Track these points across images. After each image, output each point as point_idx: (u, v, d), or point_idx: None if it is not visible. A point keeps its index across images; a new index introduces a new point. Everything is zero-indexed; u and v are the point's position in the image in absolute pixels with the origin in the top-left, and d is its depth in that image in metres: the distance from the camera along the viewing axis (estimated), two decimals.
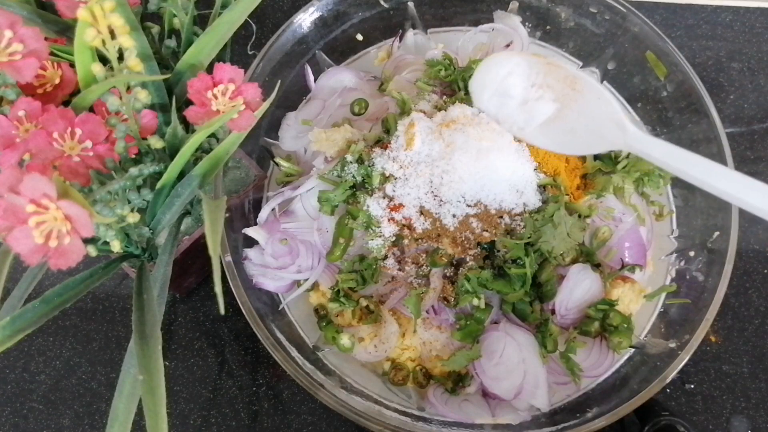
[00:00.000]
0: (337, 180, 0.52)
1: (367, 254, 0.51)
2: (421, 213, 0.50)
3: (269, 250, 0.53)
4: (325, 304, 0.55)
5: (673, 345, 0.49)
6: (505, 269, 0.50)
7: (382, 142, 0.53)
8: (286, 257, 0.53)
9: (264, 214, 0.55)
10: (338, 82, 0.61)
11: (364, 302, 0.52)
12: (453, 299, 0.50)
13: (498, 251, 0.50)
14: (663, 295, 0.55)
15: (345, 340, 0.52)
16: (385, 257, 0.51)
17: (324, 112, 0.59)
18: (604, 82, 0.64)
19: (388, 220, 0.50)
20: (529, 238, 0.49)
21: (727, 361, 0.60)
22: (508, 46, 0.61)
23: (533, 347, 0.50)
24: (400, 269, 0.51)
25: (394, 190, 0.50)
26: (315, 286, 0.55)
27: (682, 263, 0.55)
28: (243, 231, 0.53)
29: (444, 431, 0.49)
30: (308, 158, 0.58)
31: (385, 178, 0.51)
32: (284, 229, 0.54)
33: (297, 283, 0.55)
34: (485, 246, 0.51)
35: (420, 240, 0.50)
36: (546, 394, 0.50)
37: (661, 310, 0.54)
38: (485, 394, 0.52)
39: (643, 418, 0.55)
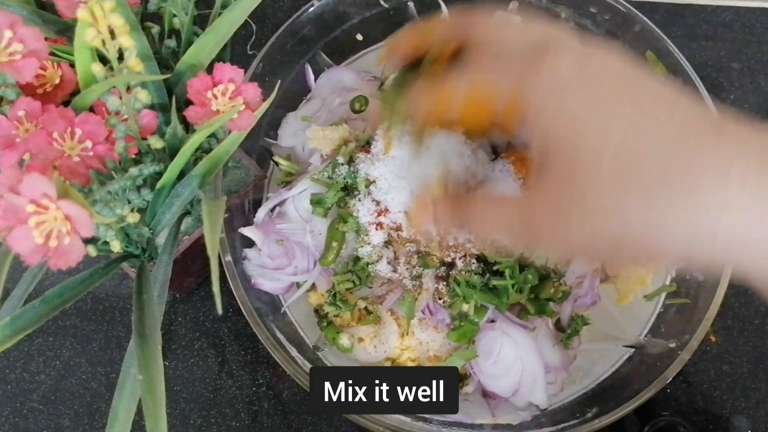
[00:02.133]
0: (328, 181, 0.52)
1: (361, 255, 0.51)
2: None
3: (266, 250, 0.53)
4: (324, 304, 0.55)
5: (673, 345, 0.49)
6: (490, 283, 0.49)
7: (368, 144, 0.52)
8: (282, 258, 0.53)
9: (261, 214, 0.54)
10: (338, 81, 0.61)
11: (362, 303, 0.52)
12: (446, 301, 0.50)
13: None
14: (663, 295, 0.55)
15: (344, 340, 0.52)
16: (378, 260, 0.50)
17: (323, 109, 0.59)
18: None
19: (376, 226, 0.49)
20: (521, 254, 0.49)
21: (727, 361, 0.60)
22: None
23: (531, 345, 0.50)
24: (393, 270, 0.51)
25: (378, 195, 0.49)
26: (314, 287, 0.55)
27: (682, 263, 0.55)
28: (239, 230, 0.53)
29: (444, 431, 0.49)
30: (306, 157, 0.58)
31: (370, 183, 0.50)
32: (279, 230, 0.54)
33: (296, 285, 0.55)
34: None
35: (408, 243, 0.50)
36: (544, 391, 0.50)
37: (661, 310, 0.54)
38: (485, 394, 0.52)
39: (643, 418, 0.55)
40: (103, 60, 0.36)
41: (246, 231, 0.53)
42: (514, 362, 0.50)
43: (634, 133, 0.29)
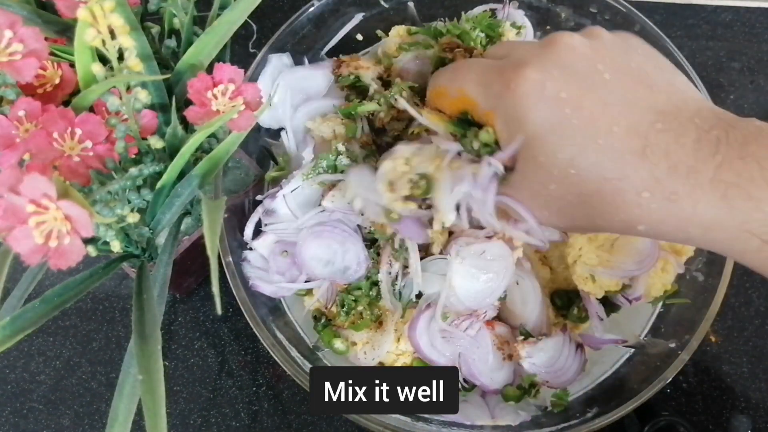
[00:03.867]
0: (325, 179, 0.51)
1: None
2: None
3: (274, 267, 0.52)
4: (321, 308, 0.54)
5: (673, 345, 0.49)
6: None
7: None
8: (292, 269, 0.52)
9: (249, 231, 0.53)
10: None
11: (360, 307, 0.52)
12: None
13: None
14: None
15: (339, 344, 0.52)
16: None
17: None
18: None
19: None
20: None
21: (727, 361, 0.60)
22: None
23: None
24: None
25: None
26: (309, 291, 0.54)
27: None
28: (251, 245, 0.53)
29: (444, 431, 0.49)
30: (298, 156, 0.58)
31: None
32: (281, 240, 0.53)
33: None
34: None
35: None
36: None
37: (661, 310, 0.54)
38: (484, 395, 0.52)
39: (643, 418, 0.55)
40: (103, 60, 0.36)
41: (256, 245, 0.53)
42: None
43: (579, 158, 0.35)
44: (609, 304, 0.52)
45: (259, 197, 0.55)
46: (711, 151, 0.33)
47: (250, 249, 0.53)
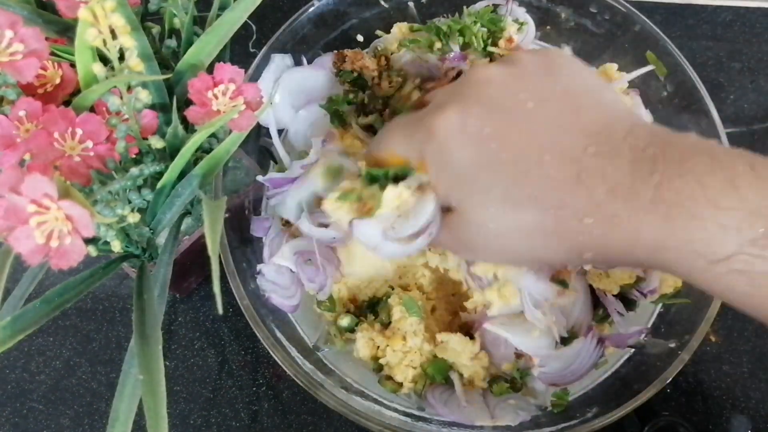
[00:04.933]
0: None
1: None
2: None
3: (303, 275, 0.51)
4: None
5: (673, 345, 0.49)
6: None
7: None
8: (320, 275, 0.51)
9: (267, 253, 0.52)
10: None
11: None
12: None
13: None
14: None
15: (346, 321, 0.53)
16: None
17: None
18: None
19: None
20: None
21: (727, 361, 0.60)
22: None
23: None
24: None
25: None
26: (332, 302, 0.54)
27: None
28: (273, 260, 0.52)
29: (444, 431, 0.49)
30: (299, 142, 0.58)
31: None
32: (299, 251, 0.51)
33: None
34: None
35: None
36: None
37: (661, 310, 0.54)
38: (484, 394, 0.52)
39: (643, 418, 0.55)
40: (104, 60, 0.36)
41: (277, 260, 0.51)
42: None
43: (514, 192, 0.35)
44: (626, 300, 0.52)
45: (267, 194, 0.53)
46: (648, 170, 0.32)
47: (249, 246, 0.53)
